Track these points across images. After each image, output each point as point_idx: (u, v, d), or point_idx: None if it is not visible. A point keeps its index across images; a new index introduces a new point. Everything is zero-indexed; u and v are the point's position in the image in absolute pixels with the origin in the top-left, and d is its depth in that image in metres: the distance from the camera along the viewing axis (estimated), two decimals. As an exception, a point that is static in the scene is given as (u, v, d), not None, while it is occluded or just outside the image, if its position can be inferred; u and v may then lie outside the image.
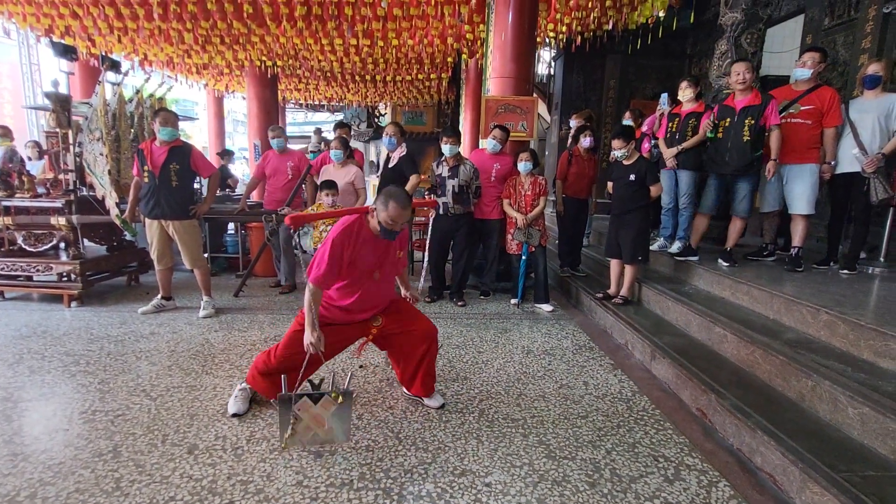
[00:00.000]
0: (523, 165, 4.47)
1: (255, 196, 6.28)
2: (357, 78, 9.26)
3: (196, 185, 4.78)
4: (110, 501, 1.87)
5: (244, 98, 11.71)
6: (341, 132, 4.98)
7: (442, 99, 10.91)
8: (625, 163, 4.03)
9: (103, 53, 6.99)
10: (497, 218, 4.75)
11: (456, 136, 4.49)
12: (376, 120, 13.30)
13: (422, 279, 5.15)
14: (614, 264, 4.25)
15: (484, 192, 4.65)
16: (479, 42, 6.70)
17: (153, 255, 4.12)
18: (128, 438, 2.30)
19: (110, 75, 4.49)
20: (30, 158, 6.29)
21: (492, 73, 5.02)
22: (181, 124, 4.13)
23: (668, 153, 4.32)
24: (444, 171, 4.53)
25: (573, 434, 2.45)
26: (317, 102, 12.87)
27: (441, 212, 4.61)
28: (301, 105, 13.91)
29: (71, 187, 4.31)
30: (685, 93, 4.26)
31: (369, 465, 2.14)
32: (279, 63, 8.19)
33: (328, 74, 9.07)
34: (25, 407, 2.60)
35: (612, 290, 4.30)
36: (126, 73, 4.91)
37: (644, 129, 5.05)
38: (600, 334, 4.01)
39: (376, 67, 8.24)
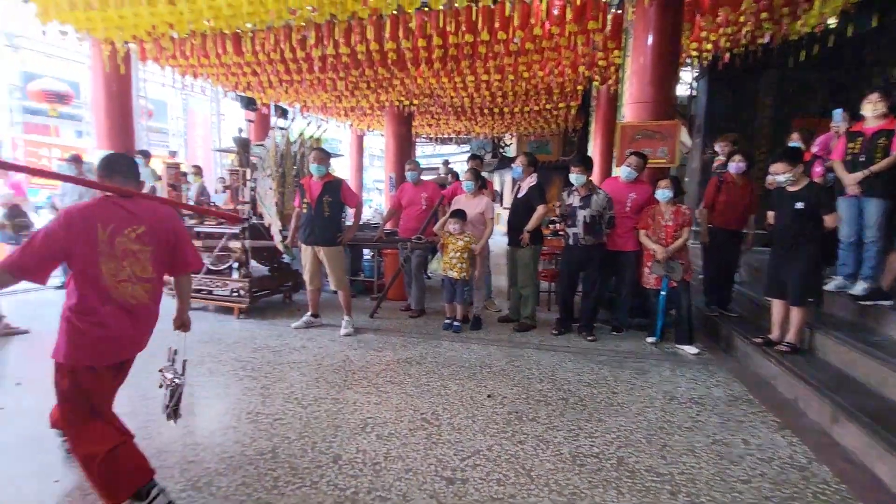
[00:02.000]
0: (662, 193, 4.17)
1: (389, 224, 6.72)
2: (485, 111, 9.59)
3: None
4: (269, 498, 2.08)
5: (382, 135, 12.82)
6: (473, 164, 5.16)
7: (569, 127, 10.77)
8: (790, 189, 3.54)
9: (273, 103, 8.22)
10: (632, 250, 4.47)
11: (585, 165, 4.37)
12: (501, 150, 13.58)
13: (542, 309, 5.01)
14: (777, 305, 3.70)
15: (618, 223, 4.42)
16: (612, 68, 6.52)
17: (305, 277, 4.62)
18: (284, 441, 2.55)
19: (280, 121, 5.23)
20: (216, 192, 7.54)
21: (628, 99, 4.83)
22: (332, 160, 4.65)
23: (850, 179, 3.69)
24: (574, 200, 4.42)
25: (732, 500, 2.13)
26: (445, 136, 13.57)
27: (571, 242, 4.48)
28: (430, 139, 14.77)
29: (246, 216, 5.06)
30: (876, 107, 3.62)
31: (501, 500, 2.09)
32: (415, 102, 8.84)
33: (458, 109, 9.54)
34: (206, 403, 3.04)
35: (774, 335, 3.73)
36: (293, 119, 5.67)
37: (815, 150, 4.41)
38: (760, 385, 3.49)
39: (504, 100, 8.46)
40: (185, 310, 2.44)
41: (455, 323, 4.60)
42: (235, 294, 5.16)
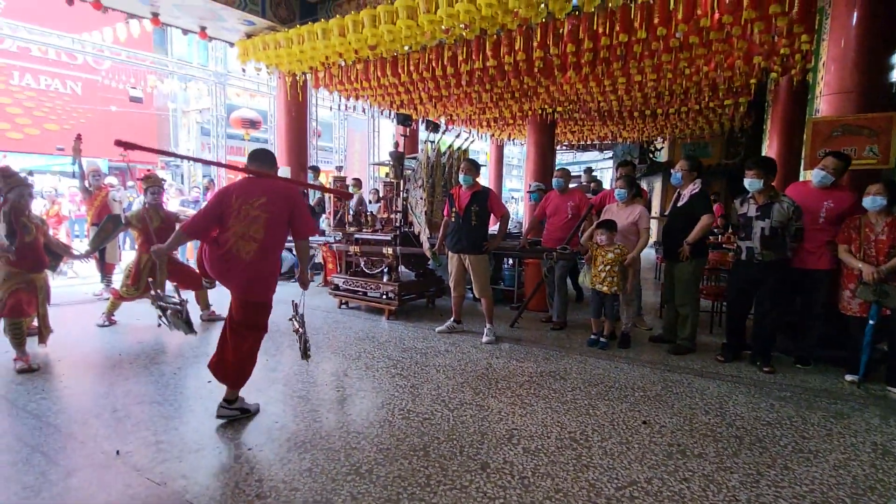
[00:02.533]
0: (873, 201, 3.44)
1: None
2: (635, 114, 8.99)
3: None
4: (422, 495, 2.16)
5: (521, 144, 12.81)
6: (625, 171, 4.85)
7: (734, 127, 9.55)
8: None
9: (423, 118, 8.74)
10: (826, 268, 3.76)
11: (763, 168, 3.78)
12: (651, 155, 12.59)
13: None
14: None
15: (808, 236, 3.75)
16: (797, 56, 5.61)
17: (451, 283, 4.78)
18: (433, 441, 2.64)
19: (431, 135, 5.53)
20: (370, 201, 8.26)
21: (824, 90, 4.09)
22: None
23: None
24: (750, 209, 3.87)
25: None
26: (587, 142, 13.04)
27: (744, 258, 3.93)
28: (571, 146, 14.33)
29: (398, 224, 5.43)
30: None
31: (666, 541, 1.88)
32: (559, 109, 8.65)
33: (605, 114, 9.09)
34: (364, 396, 3.30)
35: None
36: (443, 132, 5.95)
37: None
38: None
39: (659, 101, 7.82)
40: (305, 271, 3.03)
41: (602, 339, 4.35)
42: (385, 297, 5.56)
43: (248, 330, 2.79)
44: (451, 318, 4.90)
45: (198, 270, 2.86)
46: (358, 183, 8.59)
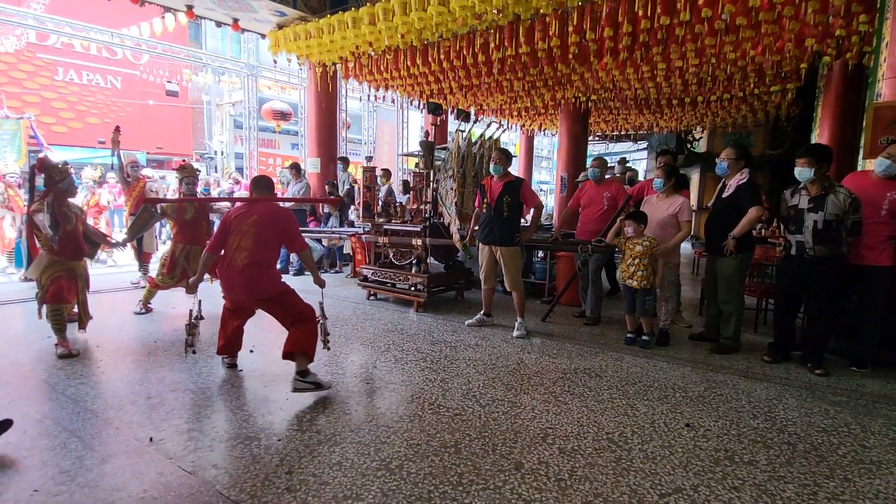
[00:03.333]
0: (944, 192, 3.15)
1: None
2: (674, 102, 8.62)
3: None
4: (454, 494, 2.08)
5: (553, 134, 12.53)
6: (665, 160, 4.61)
7: (780, 114, 9.06)
8: None
9: (453, 107, 8.62)
10: (887, 265, 3.49)
11: (815, 157, 3.53)
12: (689, 146, 12.11)
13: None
14: None
15: (867, 230, 3.48)
16: (854, 38, 5.23)
17: (481, 276, 4.68)
18: (465, 438, 2.56)
19: (462, 124, 5.41)
20: (400, 192, 8.20)
21: (886, 73, 3.78)
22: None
23: None
24: (801, 201, 3.62)
25: None
26: (621, 133, 12.66)
27: (794, 253, 3.69)
28: (603, 136, 13.94)
29: (427, 215, 5.35)
30: None
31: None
32: (593, 97, 8.38)
33: (641, 102, 8.76)
34: (393, 388, 3.25)
35: None
36: (474, 122, 5.82)
37: None
38: None
39: (700, 88, 7.46)
40: (314, 274, 3.35)
41: (644, 337, 4.16)
42: (414, 288, 5.50)
43: (293, 318, 3.14)
44: (481, 311, 4.80)
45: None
46: (387, 174, 8.55)
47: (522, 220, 4.82)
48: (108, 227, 9.41)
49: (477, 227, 4.61)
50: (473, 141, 5.32)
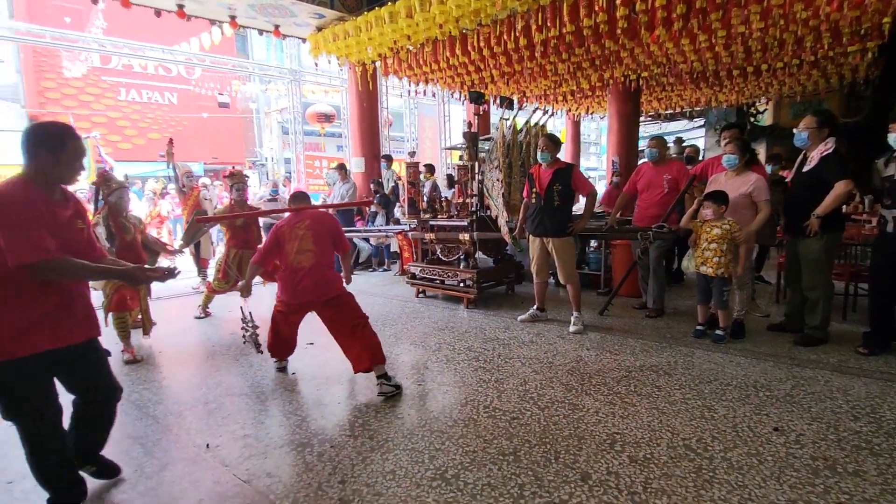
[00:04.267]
0: None
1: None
2: (735, 73, 7.94)
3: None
4: (516, 508, 1.92)
5: (601, 118, 11.99)
6: (733, 133, 4.19)
7: (858, 78, 8.16)
8: None
9: (495, 96, 8.37)
10: None
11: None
12: (752, 119, 11.22)
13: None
14: None
15: None
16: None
17: (532, 269, 4.47)
18: (524, 445, 2.40)
19: (505, 112, 5.19)
20: (444, 187, 8.07)
21: None
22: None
23: None
24: (900, 170, 3.16)
25: None
26: (675, 110, 11.91)
27: (891, 229, 3.24)
28: (656, 116, 13.19)
29: (474, 209, 5.19)
30: None
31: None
32: (644, 74, 7.87)
33: (698, 76, 8.15)
34: (446, 390, 3.12)
35: None
36: (520, 108, 5.59)
37: None
38: None
39: (765, 55, 6.81)
40: (347, 274, 3.56)
41: (717, 332, 3.80)
42: (463, 284, 5.35)
43: (352, 325, 3.13)
44: (534, 306, 4.59)
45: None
46: (430, 169, 8.45)
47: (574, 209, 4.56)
48: (169, 236, 9.89)
49: (526, 219, 4.40)
50: (518, 129, 5.09)
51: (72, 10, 14.20)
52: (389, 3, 6.10)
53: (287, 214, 3.43)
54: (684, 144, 9.38)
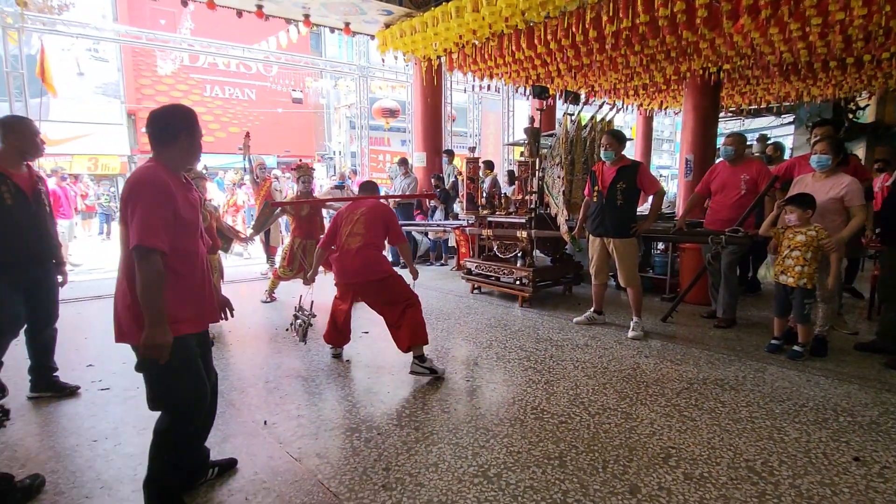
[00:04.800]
0: None
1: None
2: (831, 65, 7.19)
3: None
4: (558, 514, 1.87)
5: (676, 113, 11.33)
6: (824, 131, 3.80)
7: None
8: None
9: (561, 91, 8.16)
10: None
11: None
12: (851, 116, 10.15)
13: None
14: None
15: None
16: None
17: (591, 270, 4.32)
18: (571, 450, 2.33)
19: (570, 107, 5.04)
20: (505, 183, 7.99)
21: None
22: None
23: None
24: None
25: None
26: (760, 106, 11.01)
27: None
28: (737, 111, 12.26)
29: (533, 206, 5.09)
30: None
31: None
32: (725, 67, 7.34)
33: (788, 68, 7.47)
34: (494, 388, 3.10)
35: None
36: (585, 104, 5.42)
37: None
38: None
39: (868, 43, 6.12)
40: (410, 266, 3.56)
41: (795, 347, 3.49)
42: (519, 282, 5.28)
43: (402, 306, 3.24)
44: (591, 309, 4.44)
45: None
46: (490, 165, 8.39)
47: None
48: (243, 223, 10.54)
49: (587, 218, 4.26)
50: (583, 125, 4.92)
51: (166, 12, 15.45)
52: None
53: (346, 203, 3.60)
54: (769, 142, 8.67)
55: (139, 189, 1.71)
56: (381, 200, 3.76)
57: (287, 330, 3.90)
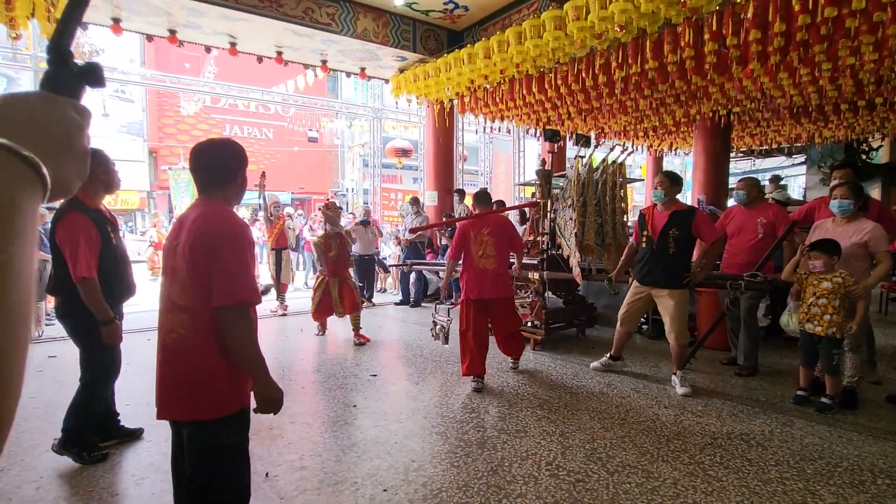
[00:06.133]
0: None
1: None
2: (843, 107, 7.23)
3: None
4: (577, 588, 1.73)
5: (686, 153, 11.39)
6: (844, 174, 3.74)
7: None
8: None
9: (571, 133, 8.26)
10: None
11: None
12: (864, 157, 10.11)
13: None
14: None
15: None
16: None
17: (621, 315, 4.09)
18: (589, 513, 2.18)
19: (581, 150, 5.07)
20: (516, 223, 7.98)
21: None
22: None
23: None
24: None
25: None
26: (771, 146, 11.04)
27: None
28: (748, 152, 12.29)
29: (545, 247, 5.04)
30: None
31: None
32: (735, 109, 7.40)
33: (798, 111, 7.51)
34: (506, 440, 2.96)
35: None
36: (596, 146, 5.45)
37: None
38: None
39: (879, 87, 6.15)
40: (518, 265, 4.36)
41: (823, 399, 3.32)
42: (531, 325, 5.17)
43: (517, 320, 4.21)
44: (608, 354, 4.29)
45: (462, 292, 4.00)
46: (501, 204, 8.41)
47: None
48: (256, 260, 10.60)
49: (631, 264, 4.10)
50: (595, 167, 4.93)
51: (191, 57, 16.16)
52: (469, 46, 6.28)
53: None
54: (781, 182, 8.63)
55: (233, 240, 1.52)
56: (500, 214, 4.34)
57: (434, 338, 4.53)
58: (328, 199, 6.29)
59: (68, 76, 0.50)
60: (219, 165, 1.66)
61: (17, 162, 0.39)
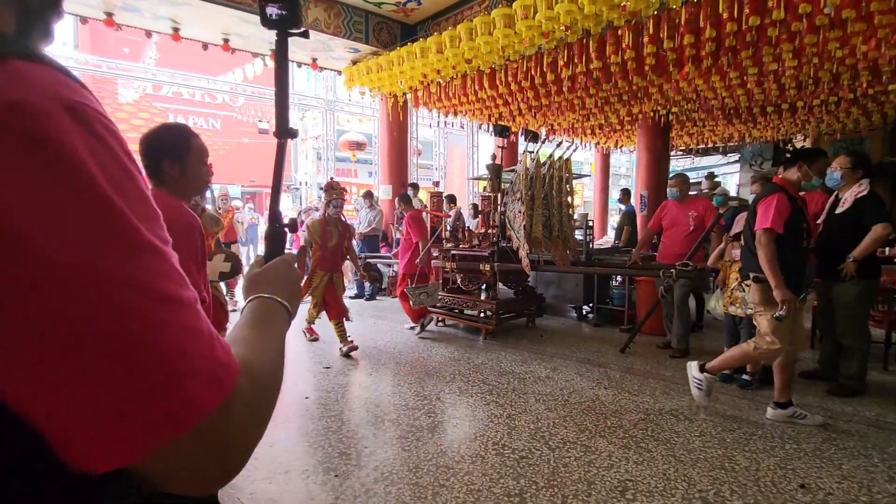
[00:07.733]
0: None
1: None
2: (769, 110, 7.82)
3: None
4: (517, 554, 1.85)
5: (631, 151, 11.92)
6: (757, 175, 4.08)
7: (902, 117, 7.89)
8: None
9: (522, 129, 8.47)
10: None
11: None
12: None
13: None
14: None
15: None
16: None
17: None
18: (531, 486, 2.32)
19: (530, 145, 5.24)
20: (469, 217, 8.13)
21: None
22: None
23: None
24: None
25: None
26: (708, 146, 11.75)
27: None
28: (687, 150, 13.03)
29: (496, 240, 5.19)
30: None
31: None
32: (674, 110, 7.84)
33: (731, 112, 8.05)
34: (456, 424, 3.08)
35: None
36: (544, 142, 5.64)
37: None
38: None
39: (800, 92, 6.69)
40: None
41: (744, 377, 3.64)
42: (483, 315, 5.31)
43: None
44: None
45: None
46: (452, 199, 8.54)
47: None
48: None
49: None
50: (542, 162, 5.12)
51: (130, 41, 15.26)
52: (421, 40, 6.33)
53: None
54: (717, 180, 9.21)
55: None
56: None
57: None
58: (331, 178, 5.26)
59: (282, 232, 0.82)
60: (158, 152, 1.62)
61: (282, 310, 0.65)
